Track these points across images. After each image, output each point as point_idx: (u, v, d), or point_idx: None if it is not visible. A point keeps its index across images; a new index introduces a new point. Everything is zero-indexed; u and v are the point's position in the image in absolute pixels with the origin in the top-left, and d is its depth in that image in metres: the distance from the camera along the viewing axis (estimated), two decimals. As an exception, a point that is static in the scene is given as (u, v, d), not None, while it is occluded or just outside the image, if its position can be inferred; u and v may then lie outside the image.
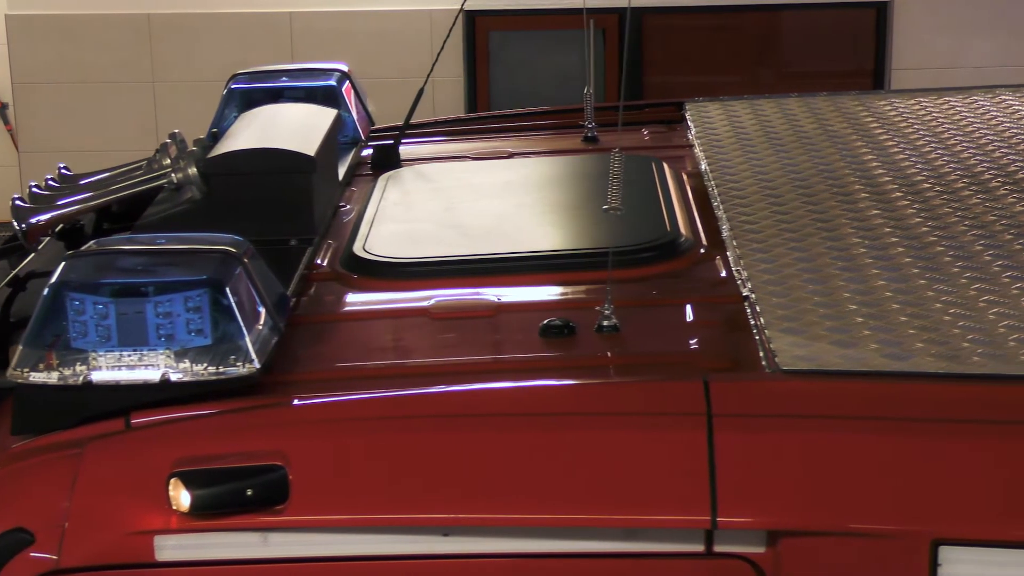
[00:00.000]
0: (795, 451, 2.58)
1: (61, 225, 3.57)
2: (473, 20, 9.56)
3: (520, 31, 9.68)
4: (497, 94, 9.68)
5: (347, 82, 4.28)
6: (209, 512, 2.57)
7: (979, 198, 3.52)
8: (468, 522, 2.60)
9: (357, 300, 3.21)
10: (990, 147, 3.92)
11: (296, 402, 2.70)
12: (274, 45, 9.44)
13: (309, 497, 2.58)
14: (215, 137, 3.73)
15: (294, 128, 3.65)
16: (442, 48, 4.08)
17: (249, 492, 2.57)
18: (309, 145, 3.48)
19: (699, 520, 2.55)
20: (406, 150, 4.23)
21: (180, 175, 3.42)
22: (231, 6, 9.56)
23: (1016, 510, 2.50)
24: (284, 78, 4.22)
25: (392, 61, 9.36)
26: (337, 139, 3.87)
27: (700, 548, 2.59)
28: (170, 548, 2.60)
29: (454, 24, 4.23)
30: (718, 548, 2.59)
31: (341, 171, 3.92)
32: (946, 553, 2.51)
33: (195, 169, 3.41)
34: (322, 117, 3.76)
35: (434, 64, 4.13)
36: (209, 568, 2.62)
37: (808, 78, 9.68)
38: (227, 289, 2.71)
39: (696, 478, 2.54)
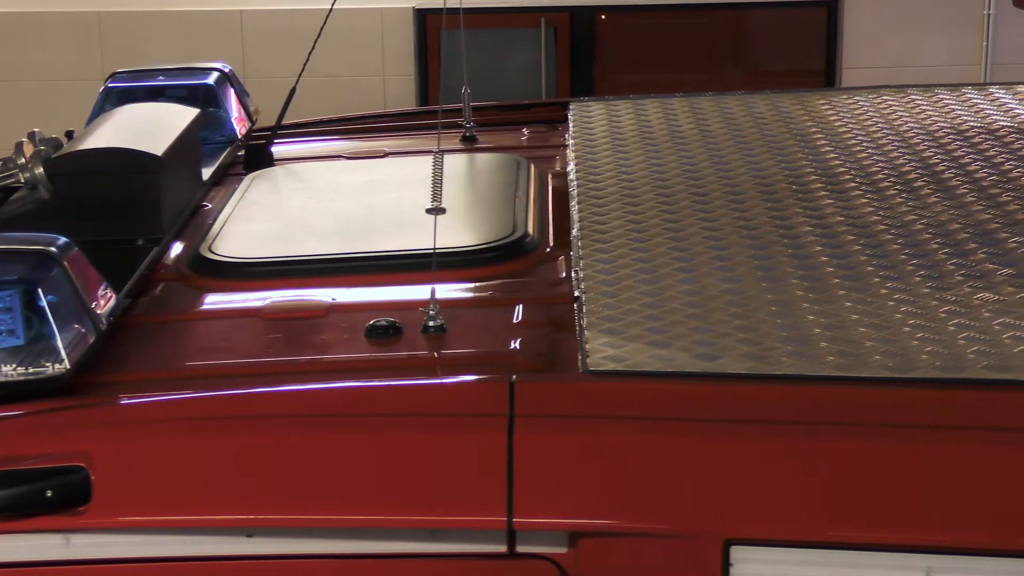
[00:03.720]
0: (594, 452, 2.57)
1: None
2: (424, 18, 9.56)
3: (471, 29, 9.66)
4: (449, 91, 9.66)
5: (227, 82, 4.27)
6: (9, 514, 2.57)
7: (830, 200, 3.51)
8: (271, 523, 2.60)
9: (195, 301, 3.20)
10: (856, 147, 3.92)
11: (101, 403, 2.70)
12: (225, 43, 9.42)
13: (112, 499, 2.58)
14: (70, 136, 3.73)
15: (147, 128, 3.63)
16: (313, 47, 4.07)
17: (49, 493, 2.56)
18: (158, 145, 3.47)
19: (495, 521, 2.55)
20: (285, 150, 4.22)
21: (27, 175, 3.42)
22: (182, 4, 9.54)
23: (805, 510, 2.50)
24: (161, 77, 4.22)
25: (342, 59, 9.35)
26: (198, 138, 3.86)
27: (503, 549, 2.59)
28: None
29: (325, 23, 4.24)
30: (520, 549, 2.59)
31: (209, 171, 3.91)
32: (737, 553, 2.51)
33: (42, 169, 3.41)
34: (180, 116, 3.75)
35: (305, 63, 4.12)
36: (11, 571, 2.61)
37: (760, 76, 9.70)
38: (40, 289, 2.71)
39: (493, 479, 2.54)
